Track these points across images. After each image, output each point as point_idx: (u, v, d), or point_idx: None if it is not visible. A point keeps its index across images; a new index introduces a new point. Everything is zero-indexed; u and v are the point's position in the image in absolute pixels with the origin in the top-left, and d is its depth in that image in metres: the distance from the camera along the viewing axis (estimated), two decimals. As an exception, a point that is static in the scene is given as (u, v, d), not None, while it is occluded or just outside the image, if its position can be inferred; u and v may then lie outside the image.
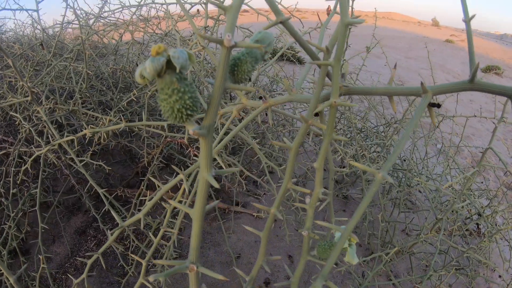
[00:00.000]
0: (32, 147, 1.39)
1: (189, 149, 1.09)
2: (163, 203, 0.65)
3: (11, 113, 1.39)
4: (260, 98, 0.62)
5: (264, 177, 1.16)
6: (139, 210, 1.67)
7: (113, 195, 1.42)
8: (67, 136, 1.08)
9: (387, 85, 0.40)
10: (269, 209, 0.47)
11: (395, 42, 8.47)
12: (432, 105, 0.37)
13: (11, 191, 1.32)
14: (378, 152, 1.82)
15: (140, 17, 2.00)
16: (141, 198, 0.85)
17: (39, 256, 0.91)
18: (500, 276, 1.87)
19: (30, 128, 1.27)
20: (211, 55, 0.65)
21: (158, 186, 0.69)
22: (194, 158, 1.26)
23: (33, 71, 1.67)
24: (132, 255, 0.57)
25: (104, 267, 0.73)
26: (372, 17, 2.30)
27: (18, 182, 1.31)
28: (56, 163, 1.40)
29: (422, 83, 0.35)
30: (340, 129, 1.96)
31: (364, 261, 1.69)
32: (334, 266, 1.15)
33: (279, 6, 1.62)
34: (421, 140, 2.69)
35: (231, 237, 1.66)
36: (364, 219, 1.61)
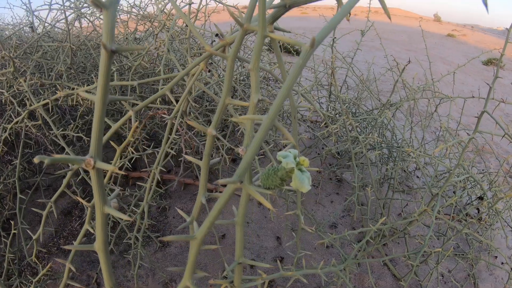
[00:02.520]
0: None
1: (160, 112, 1.04)
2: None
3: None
4: (217, 35, 0.58)
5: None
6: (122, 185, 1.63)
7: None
8: (44, 103, 1.04)
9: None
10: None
11: (396, 35, 8.40)
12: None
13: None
14: (369, 130, 1.77)
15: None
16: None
17: (28, 232, 0.88)
18: (503, 263, 1.81)
19: (10, 97, 1.24)
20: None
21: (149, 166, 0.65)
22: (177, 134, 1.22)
23: (22, 52, 1.64)
24: (82, 202, 0.53)
25: (56, 215, 0.69)
26: (375, 13, 2.27)
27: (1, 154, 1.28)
28: (37, 138, 1.37)
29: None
30: (333, 108, 1.92)
31: (357, 242, 1.64)
32: (312, 230, 1.11)
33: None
34: (419, 128, 2.64)
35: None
36: (354, 200, 1.56)
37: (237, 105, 0.38)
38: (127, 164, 0.98)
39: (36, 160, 0.24)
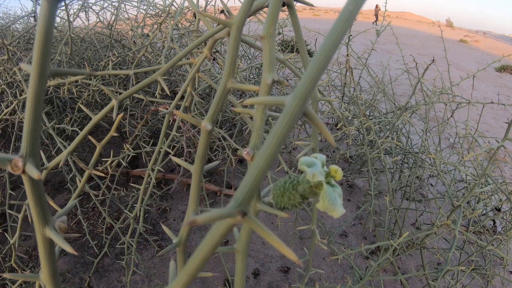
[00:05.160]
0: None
1: (163, 108, 0.96)
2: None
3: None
4: (222, 12, 0.49)
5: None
6: (117, 183, 1.55)
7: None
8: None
9: None
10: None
11: (408, 40, 8.25)
12: None
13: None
14: (387, 135, 1.67)
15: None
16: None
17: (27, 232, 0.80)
18: (518, 279, 1.70)
19: (5, 87, 1.17)
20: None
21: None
22: (179, 131, 1.13)
23: (18, 39, 1.58)
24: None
25: (29, 219, 0.61)
26: (387, 17, 2.17)
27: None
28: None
29: None
30: (347, 109, 1.82)
31: (369, 254, 1.54)
32: (324, 244, 1.03)
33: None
34: (434, 134, 2.52)
35: (222, 221, 1.52)
36: (370, 209, 1.46)
37: (243, 90, 0.29)
38: (124, 163, 0.90)
39: None
